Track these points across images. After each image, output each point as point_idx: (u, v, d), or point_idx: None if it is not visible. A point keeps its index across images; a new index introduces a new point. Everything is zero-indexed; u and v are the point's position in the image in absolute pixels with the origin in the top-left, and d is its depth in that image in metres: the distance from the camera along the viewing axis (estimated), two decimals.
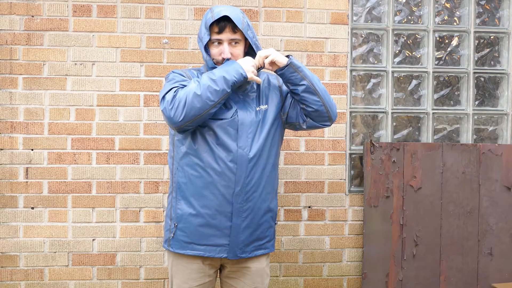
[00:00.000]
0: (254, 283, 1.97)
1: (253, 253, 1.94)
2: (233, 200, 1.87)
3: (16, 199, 2.58)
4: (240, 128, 1.88)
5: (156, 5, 2.63)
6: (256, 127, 1.91)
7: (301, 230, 2.73)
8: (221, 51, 1.90)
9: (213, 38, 1.90)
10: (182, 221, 1.91)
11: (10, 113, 2.58)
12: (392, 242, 2.72)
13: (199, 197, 1.88)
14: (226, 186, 1.86)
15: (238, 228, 1.89)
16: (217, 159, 1.86)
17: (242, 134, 1.88)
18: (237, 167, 1.86)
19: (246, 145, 1.87)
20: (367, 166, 2.70)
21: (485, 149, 2.76)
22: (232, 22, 1.87)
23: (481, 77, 2.91)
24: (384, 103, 2.83)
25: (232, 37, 1.89)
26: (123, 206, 2.63)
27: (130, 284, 2.64)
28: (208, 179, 1.86)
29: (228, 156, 1.86)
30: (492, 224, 2.76)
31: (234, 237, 1.89)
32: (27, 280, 2.60)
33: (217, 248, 1.89)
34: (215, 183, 1.86)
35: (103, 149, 2.62)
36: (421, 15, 2.88)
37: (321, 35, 2.72)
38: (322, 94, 1.91)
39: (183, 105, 1.80)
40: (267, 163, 1.93)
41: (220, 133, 1.87)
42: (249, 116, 1.90)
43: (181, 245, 1.92)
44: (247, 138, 1.88)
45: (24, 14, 2.57)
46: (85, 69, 2.61)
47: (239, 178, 1.86)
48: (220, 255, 1.90)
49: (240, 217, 1.88)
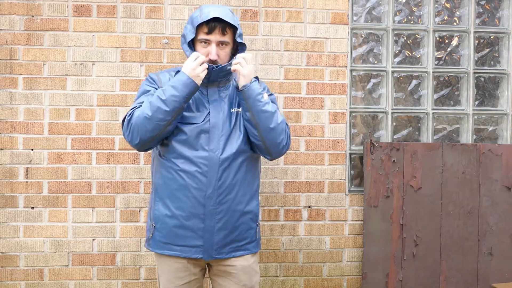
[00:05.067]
0: (241, 281, 1.97)
1: (230, 254, 1.94)
2: (205, 202, 1.87)
3: (16, 199, 2.58)
4: (212, 131, 1.88)
5: (156, 5, 2.63)
6: (229, 129, 1.90)
7: (301, 230, 2.73)
8: (208, 51, 1.88)
9: (201, 38, 1.88)
10: (159, 222, 1.93)
11: (10, 113, 2.58)
12: (392, 242, 2.72)
13: (174, 199, 1.89)
14: (197, 188, 1.87)
15: (211, 230, 1.89)
16: (188, 162, 1.87)
17: (213, 137, 1.88)
18: (207, 170, 1.86)
19: (217, 148, 1.87)
20: (367, 166, 2.71)
21: (485, 149, 2.76)
22: (222, 23, 1.85)
23: (481, 77, 2.91)
24: (384, 103, 2.84)
25: (221, 39, 1.88)
26: (123, 206, 2.63)
27: (130, 284, 2.64)
28: (181, 182, 1.87)
29: (199, 159, 1.86)
30: (492, 224, 2.76)
31: (207, 238, 1.90)
32: (27, 280, 2.60)
33: (192, 249, 1.90)
34: (187, 185, 1.87)
35: (103, 149, 2.62)
36: (421, 15, 2.89)
37: (321, 35, 2.72)
38: (264, 131, 1.88)
39: (136, 130, 1.83)
40: (242, 166, 1.92)
41: (192, 136, 1.87)
42: (222, 119, 1.90)
43: (159, 245, 1.94)
44: (218, 141, 1.88)
45: (24, 14, 2.57)
46: (85, 69, 2.61)
47: (210, 180, 1.86)
48: (196, 255, 1.91)
49: (214, 219, 1.89)
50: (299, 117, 2.70)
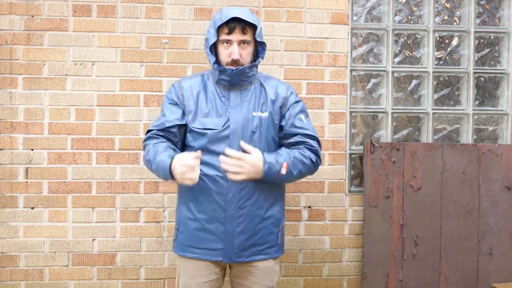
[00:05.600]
0: (262, 281, 1.98)
1: (250, 258, 1.95)
2: (226, 206, 1.89)
3: (16, 199, 2.58)
4: (232, 137, 1.88)
5: (156, 5, 2.63)
6: (250, 134, 1.90)
7: (301, 230, 2.73)
8: (230, 52, 1.88)
9: (223, 39, 1.89)
10: (182, 225, 1.97)
11: (10, 113, 2.58)
12: (392, 242, 2.72)
13: (196, 202, 1.92)
14: (218, 193, 1.88)
15: (232, 233, 1.90)
16: (210, 166, 1.88)
17: (233, 143, 1.88)
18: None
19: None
20: (367, 166, 2.70)
21: (485, 149, 2.76)
22: (242, 23, 1.86)
23: (481, 77, 2.91)
24: (384, 103, 2.83)
25: (242, 38, 1.88)
26: (123, 206, 2.63)
27: (130, 284, 2.64)
28: (203, 186, 1.88)
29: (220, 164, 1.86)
30: (492, 224, 2.76)
31: (228, 242, 1.91)
32: (27, 280, 2.60)
33: (212, 251, 1.92)
34: (209, 189, 1.89)
35: (103, 149, 2.62)
36: (421, 15, 2.88)
37: (321, 35, 2.72)
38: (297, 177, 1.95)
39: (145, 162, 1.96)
40: None
41: (212, 142, 1.88)
42: (242, 124, 1.90)
43: (181, 247, 1.98)
44: (239, 146, 1.87)
45: (24, 14, 2.57)
46: (85, 69, 2.61)
47: (230, 185, 1.87)
48: (216, 258, 1.93)
49: (234, 223, 1.90)
50: None
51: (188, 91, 1.95)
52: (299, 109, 1.99)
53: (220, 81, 1.92)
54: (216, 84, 1.95)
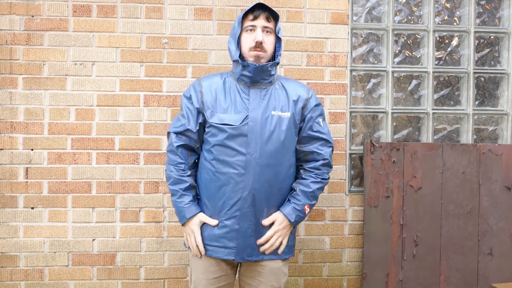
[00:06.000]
0: (269, 281, 1.99)
1: (259, 257, 1.96)
2: (241, 204, 1.90)
3: (16, 199, 2.58)
4: (250, 135, 1.89)
5: (156, 5, 2.63)
6: (268, 133, 1.91)
7: (301, 230, 2.73)
8: (254, 37, 1.90)
9: (247, 26, 1.92)
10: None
11: (10, 113, 2.58)
12: (392, 242, 2.72)
13: (212, 199, 1.93)
14: (234, 191, 1.89)
15: (245, 232, 1.91)
16: (226, 164, 1.89)
17: (251, 140, 1.88)
18: (244, 172, 1.88)
19: (254, 151, 1.88)
20: (367, 166, 2.71)
21: (485, 149, 2.76)
22: (266, 11, 1.92)
23: (481, 77, 2.91)
24: (384, 103, 2.83)
25: (266, 24, 1.92)
26: (123, 206, 2.63)
27: (130, 284, 2.64)
28: (218, 183, 1.90)
29: (236, 162, 1.88)
30: (492, 224, 2.76)
31: (241, 240, 1.92)
32: (27, 280, 2.60)
33: (225, 250, 1.93)
34: (224, 187, 1.89)
35: (103, 149, 2.62)
36: (421, 15, 2.88)
37: (321, 35, 2.72)
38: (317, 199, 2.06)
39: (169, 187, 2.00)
40: (279, 170, 1.93)
41: (229, 138, 1.89)
42: (261, 122, 1.90)
43: None
44: (256, 144, 1.88)
45: (24, 14, 2.57)
46: (85, 69, 2.61)
47: (247, 184, 1.88)
48: (228, 257, 1.93)
49: (248, 221, 1.91)
50: None
51: (207, 88, 1.96)
52: (319, 112, 2.02)
53: (242, 77, 1.94)
54: (237, 81, 1.96)
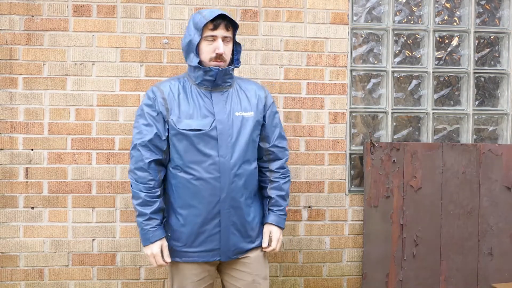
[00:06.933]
0: (254, 271, 2.01)
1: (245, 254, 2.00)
2: (220, 206, 1.91)
3: (16, 199, 2.58)
4: (220, 137, 1.90)
5: (156, 5, 2.63)
6: (237, 134, 1.93)
7: (301, 230, 2.73)
8: (215, 47, 1.90)
9: (208, 35, 1.90)
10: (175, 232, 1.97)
11: (10, 113, 2.58)
12: (392, 242, 2.72)
13: (188, 207, 1.92)
14: (212, 194, 1.90)
15: (227, 232, 1.94)
16: (201, 169, 1.89)
17: (222, 143, 1.90)
18: (220, 175, 1.89)
19: (227, 153, 1.90)
20: (367, 166, 2.70)
21: (485, 149, 2.76)
22: (225, 20, 1.91)
23: (481, 77, 2.91)
24: (384, 103, 2.83)
25: (226, 34, 1.92)
26: (123, 206, 2.63)
27: (130, 284, 2.64)
28: (194, 190, 1.90)
29: (211, 165, 1.89)
30: (492, 224, 2.76)
31: (224, 240, 1.94)
32: (27, 280, 2.60)
33: (209, 253, 1.94)
34: (201, 192, 1.90)
35: (103, 149, 2.62)
36: (421, 15, 2.88)
37: (321, 35, 2.72)
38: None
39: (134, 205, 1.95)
40: (249, 168, 1.97)
41: (201, 143, 1.89)
42: (228, 124, 1.92)
43: (176, 253, 1.96)
44: (227, 146, 1.90)
45: (24, 14, 2.57)
46: (85, 69, 2.61)
47: (223, 185, 1.90)
48: (214, 258, 1.95)
49: (229, 221, 1.94)
50: (299, 117, 2.70)
51: (169, 94, 1.94)
52: (275, 108, 2.11)
53: (203, 82, 1.94)
54: (198, 85, 1.95)
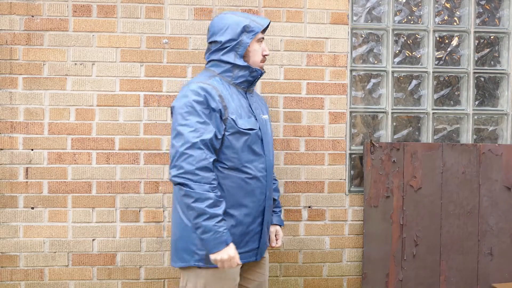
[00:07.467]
0: (266, 272, 2.08)
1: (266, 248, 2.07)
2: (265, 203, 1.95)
3: (16, 199, 2.58)
4: (264, 137, 1.96)
5: (156, 5, 2.63)
6: (270, 134, 2.04)
7: (301, 230, 2.73)
8: (263, 49, 1.99)
9: (261, 37, 1.98)
10: None
11: (10, 113, 2.58)
12: (392, 242, 2.72)
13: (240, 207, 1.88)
14: (261, 192, 1.93)
15: (265, 229, 1.98)
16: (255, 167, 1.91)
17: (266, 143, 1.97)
18: (266, 174, 1.95)
19: (269, 153, 1.98)
20: (367, 166, 2.70)
21: (485, 149, 2.76)
22: None
23: (481, 77, 2.91)
24: (384, 103, 2.83)
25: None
26: (123, 206, 2.63)
27: (130, 284, 2.64)
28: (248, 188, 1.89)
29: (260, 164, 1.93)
30: (492, 224, 2.76)
31: (263, 240, 1.98)
32: (27, 280, 2.60)
33: (250, 253, 1.94)
34: (254, 190, 1.91)
35: (103, 149, 2.62)
36: (421, 15, 2.88)
37: (321, 35, 2.72)
38: None
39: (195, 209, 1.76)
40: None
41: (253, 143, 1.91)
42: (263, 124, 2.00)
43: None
44: (268, 145, 1.97)
45: (24, 14, 2.57)
46: (85, 69, 2.61)
47: (268, 183, 1.97)
48: (251, 259, 1.96)
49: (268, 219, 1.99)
50: (299, 117, 2.70)
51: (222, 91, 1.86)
52: None
53: (244, 82, 1.96)
54: (237, 85, 1.95)
